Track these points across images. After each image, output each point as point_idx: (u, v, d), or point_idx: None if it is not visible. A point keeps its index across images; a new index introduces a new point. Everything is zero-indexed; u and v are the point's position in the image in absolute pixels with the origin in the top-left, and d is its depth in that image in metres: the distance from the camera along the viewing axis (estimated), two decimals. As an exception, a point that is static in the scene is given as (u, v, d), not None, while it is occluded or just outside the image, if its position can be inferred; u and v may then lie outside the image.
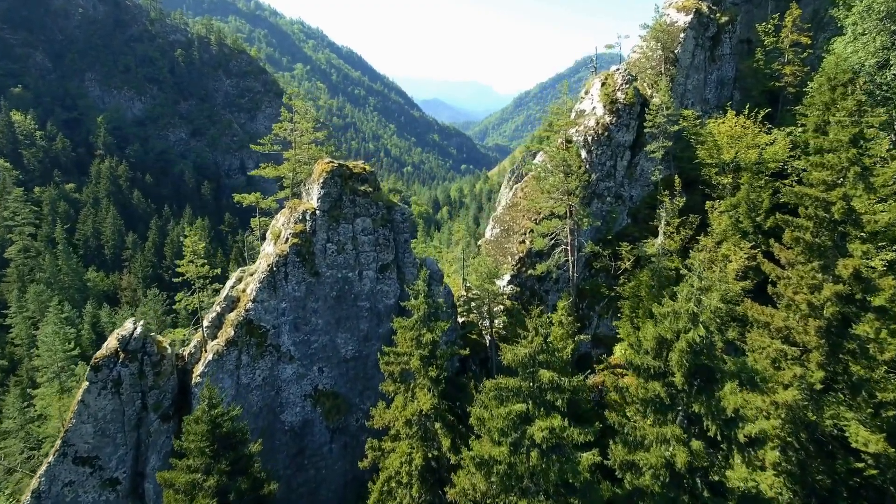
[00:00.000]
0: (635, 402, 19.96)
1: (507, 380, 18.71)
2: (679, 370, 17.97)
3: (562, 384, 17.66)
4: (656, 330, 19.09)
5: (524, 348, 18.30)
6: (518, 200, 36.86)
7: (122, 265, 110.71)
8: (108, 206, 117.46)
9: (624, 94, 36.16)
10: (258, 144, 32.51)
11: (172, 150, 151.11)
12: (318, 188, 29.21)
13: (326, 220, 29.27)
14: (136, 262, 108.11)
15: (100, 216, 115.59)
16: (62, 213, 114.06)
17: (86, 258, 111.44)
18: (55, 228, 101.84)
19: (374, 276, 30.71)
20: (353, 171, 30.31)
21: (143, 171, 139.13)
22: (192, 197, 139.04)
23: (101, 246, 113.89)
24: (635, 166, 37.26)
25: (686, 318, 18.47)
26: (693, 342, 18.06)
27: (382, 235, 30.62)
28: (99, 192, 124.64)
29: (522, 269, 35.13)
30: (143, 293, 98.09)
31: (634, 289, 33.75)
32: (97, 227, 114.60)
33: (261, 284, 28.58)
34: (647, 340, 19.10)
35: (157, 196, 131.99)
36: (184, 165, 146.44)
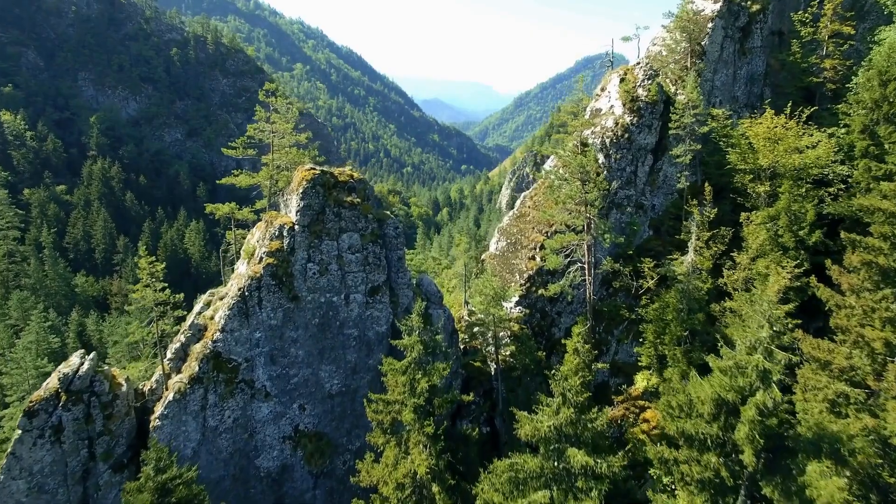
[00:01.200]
0: (684, 480, 15.59)
1: (525, 459, 14.40)
2: (749, 445, 13.66)
3: (598, 468, 13.34)
4: (713, 389, 14.78)
5: (548, 419, 14.05)
6: (527, 210, 32.54)
7: (113, 270, 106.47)
8: (99, 209, 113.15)
9: (646, 90, 31.82)
10: (230, 148, 28.19)
11: (168, 150, 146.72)
12: (297, 199, 24.93)
13: (307, 236, 24.98)
14: (127, 266, 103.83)
15: (90, 219, 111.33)
16: (52, 215, 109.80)
17: (76, 262, 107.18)
18: (47, 230, 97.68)
19: (363, 299, 26.42)
20: (339, 180, 26.01)
21: (137, 172, 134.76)
22: (187, 199, 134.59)
23: (91, 250, 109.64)
24: (658, 172, 32.94)
25: (754, 374, 14.16)
26: (764, 407, 13.78)
27: (372, 253, 26.32)
28: (91, 193, 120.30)
29: (532, 289, 30.82)
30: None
31: (659, 312, 29.47)
32: (87, 230, 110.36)
33: (230, 311, 24.29)
34: (702, 403, 14.77)
35: (150, 198, 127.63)
36: (179, 166, 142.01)
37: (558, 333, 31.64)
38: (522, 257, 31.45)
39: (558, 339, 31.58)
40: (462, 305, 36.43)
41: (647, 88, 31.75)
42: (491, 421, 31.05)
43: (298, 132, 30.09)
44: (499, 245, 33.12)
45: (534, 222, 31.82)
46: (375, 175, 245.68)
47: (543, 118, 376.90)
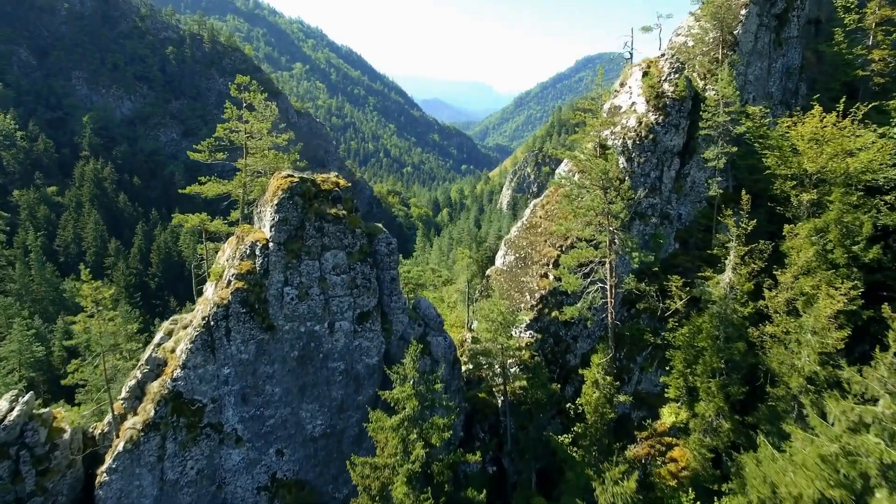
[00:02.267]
0: None
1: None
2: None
3: None
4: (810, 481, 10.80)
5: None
6: (537, 221, 28.56)
7: (104, 273, 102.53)
8: (90, 211, 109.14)
9: (672, 85, 27.82)
10: (196, 152, 24.19)
11: (163, 150, 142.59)
12: (271, 212, 20.97)
13: (283, 255, 21.02)
14: (118, 269, 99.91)
15: (81, 221, 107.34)
16: (42, 217, 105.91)
17: (66, 266, 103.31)
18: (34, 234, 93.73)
19: (351, 328, 22.48)
20: (321, 188, 22.05)
21: (131, 173, 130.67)
22: (183, 200, 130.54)
23: (82, 252, 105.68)
24: (685, 177, 28.97)
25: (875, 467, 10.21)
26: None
27: (361, 274, 22.37)
28: (82, 195, 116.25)
29: (544, 311, 26.87)
30: (126, 302, 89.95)
31: (689, 337, 25.53)
32: (78, 232, 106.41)
33: (193, 345, 20.35)
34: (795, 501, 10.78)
35: (145, 199, 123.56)
36: (174, 167, 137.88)
37: (574, 360, 27.71)
38: (533, 274, 27.48)
39: (574, 367, 27.65)
40: (464, 325, 32.50)
41: (673, 83, 27.76)
42: (498, 460, 27.17)
43: (279, 132, 26.12)
44: (506, 259, 29.16)
45: (546, 234, 27.85)
46: (375, 175, 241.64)
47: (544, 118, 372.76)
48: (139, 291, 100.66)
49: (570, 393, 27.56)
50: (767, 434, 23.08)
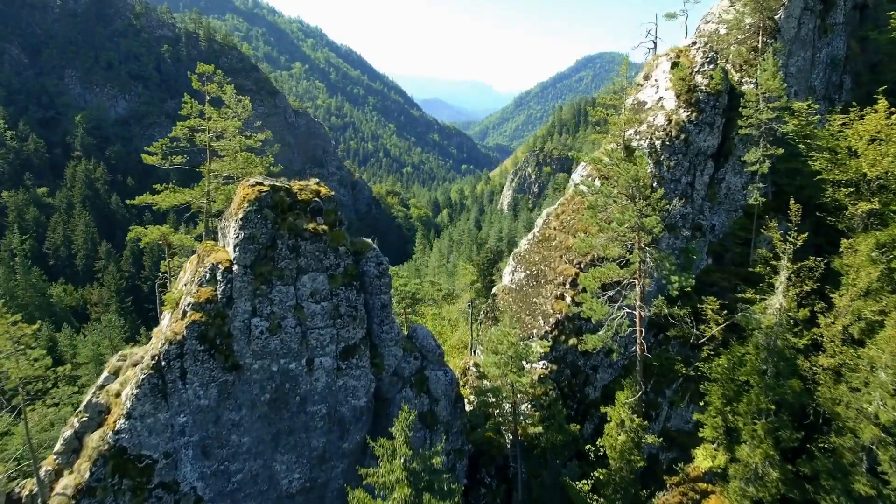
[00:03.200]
0: None
1: None
2: None
3: None
4: None
5: None
6: (551, 233, 24.75)
7: (94, 277, 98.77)
8: (81, 212, 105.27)
9: (706, 77, 24.01)
10: (148, 154, 20.37)
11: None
12: (235, 228, 17.17)
13: (250, 280, 17.22)
14: (109, 273, 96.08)
15: (72, 223, 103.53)
16: (31, 219, 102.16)
17: (55, 270, 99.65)
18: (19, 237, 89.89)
19: (334, 364, 18.69)
20: (298, 199, 18.24)
21: (125, 173, 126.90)
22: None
23: (72, 256, 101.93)
24: (719, 183, 25.19)
25: None
26: None
27: (346, 301, 18.57)
28: (73, 196, 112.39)
29: (560, 338, 23.09)
30: (117, 308, 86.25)
31: (728, 369, 21.80)
32: (68, 235, 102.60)
33: (140, 390, 16.55)
34: None
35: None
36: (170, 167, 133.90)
37: (593, 394, 23.94)
38: (547, 295, 23.69)
39: (593, 402, 23.90)
40: (468, 349, 28.75)
41: (707, 74, 23.96)
42: (506, 509, 23.44)
43: (254, 131, 22.32)
44: (515, 276, 25.37)
45: (561, 249, 24.04)
46: (375, 175, 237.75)
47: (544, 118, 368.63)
48: (130, 296, 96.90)
49: (590, 431, 23.80)
50: (829, 492, 19.38)
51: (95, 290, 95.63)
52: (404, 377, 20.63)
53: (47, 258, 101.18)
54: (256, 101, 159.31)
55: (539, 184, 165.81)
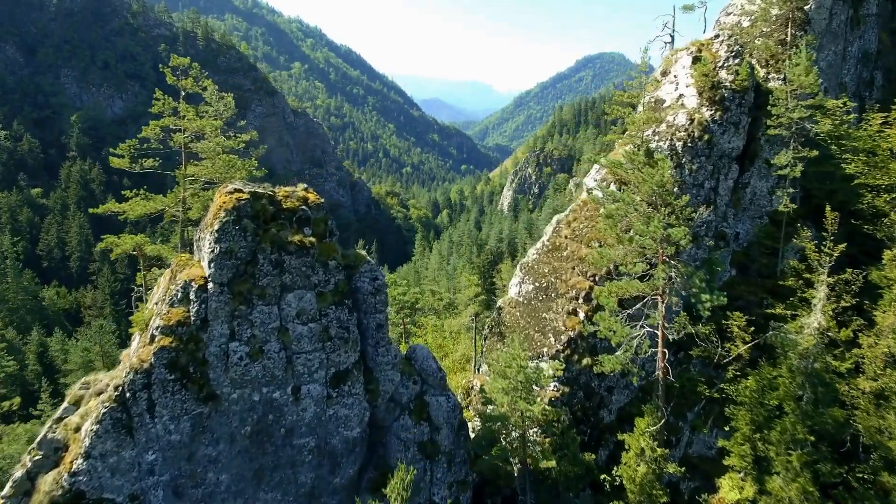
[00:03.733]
0: None
1: None
2: None
3: None
4: None
5: None
6: (562, 242, 22.66)
7: (88, 280, 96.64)
8: (75, 213, 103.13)
9: (732, 73, 21.93)
10: (115, 156, 18.28)
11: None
12: (210, 241, 15.08)
13: (227, 300, 15.14)
14: (104, 275, 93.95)
15: (66, 225, 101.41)
16: (24, 221, 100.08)
17: (49, 272, 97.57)
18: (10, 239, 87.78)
19: (323, 392, 16.63)
20: (282, 207, 16.16)
21: (121, 174, 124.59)
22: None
23: (66, 258, 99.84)
24: (743, 188, 23.14)
25: None
26: None
27: (336, 322, 16.50)
28: (68, 197, 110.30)
29: (573, 357, 21.03)
30: (111, 311, 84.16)
31: (758, 393, 19.79)
32: (62, 236, 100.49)
33: (100, 426, 14.47)
34: None
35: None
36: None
37: (608, 417, 21.89)
38: (558, 310, 21.61)
39: (608, 426, 21.86)
40: (471, 366, 26.70)
41: (732, 70, 21.88)
42: (514, 543, 21.39)
43: (238, 131, 20.26)
44: (522, 289, 23.29)
45: (573, 260, 21.96)
46: (374, 175, 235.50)
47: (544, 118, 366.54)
48: (125, 299, 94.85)
49: (604, 458, 21.77)
50: (877, 534, 17.34)
51: (89, 293, 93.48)
52: (402, 403, 18.58)
53: (41, 260, 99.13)
54: (255, 101, 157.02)
55: (539, 184, 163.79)
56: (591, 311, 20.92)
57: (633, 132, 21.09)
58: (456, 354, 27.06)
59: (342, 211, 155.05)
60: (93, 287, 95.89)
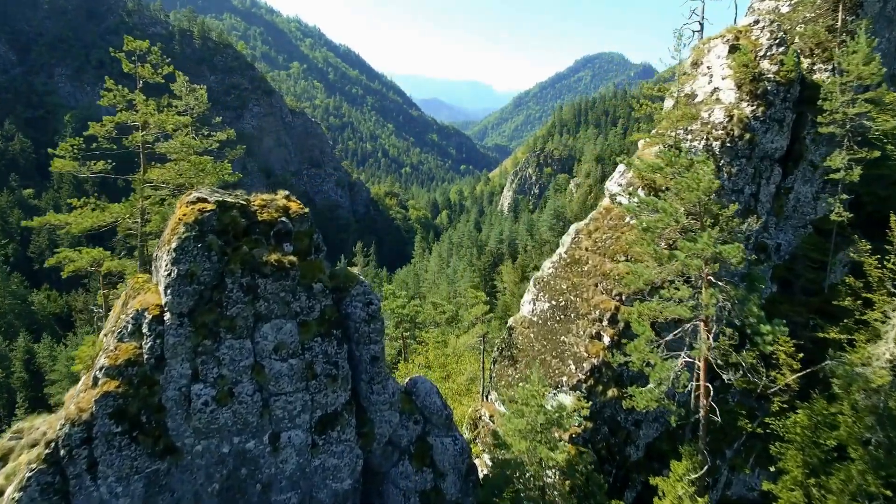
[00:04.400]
0: None
1: None
2: None
3: None
4: None
5: None
6: (583, 255, 19.86)
7: (80, 283, 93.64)
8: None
9: (776, 63, 19.16)
10: (58, 158, 15.48)
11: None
12: (167, 262, 12.27)
13: (189, 332, 12.33)
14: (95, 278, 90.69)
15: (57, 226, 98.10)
16: (15, 222, 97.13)
17: (40, 275, 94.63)
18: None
19: (307, 439, 13.82)
20: (258, 219, 13.35)
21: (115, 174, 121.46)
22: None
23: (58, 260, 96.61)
24: (786, 193, 20.36)
25: None
26: None
27: (322, 356, 13.70)
28: (60, 198, 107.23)
29: (597, 389, 18.25)
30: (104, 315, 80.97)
31: (812, 431, 17.05)
32: (54, 239, 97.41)
33: (25, 493, 11.65)
34: None
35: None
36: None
37: (635, 454, 19.11)
38: (579, 332, 18.83)
39: (636, 464, 19.09)
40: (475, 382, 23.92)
41: (777, 60, 19.11)
42: None
43: (214, 129, 17.44)
44: (537, 307, 20.50)
45: (596, 275, 19.16)
46: (373, 175, 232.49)
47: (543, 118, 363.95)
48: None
49: (630, 500, 19.00)
50: None
51: (80, 297, 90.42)
52: (401, 446, 15.79)
53: (32, 262, 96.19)
54: (252, 101, 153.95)
55: (540, 185, 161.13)
56: (617, 335, 18.15)
57: (665, 130, 18.34)
58: (461, 378, 24.36)
59: (341, 211, 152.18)
60: (84, 290, 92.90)
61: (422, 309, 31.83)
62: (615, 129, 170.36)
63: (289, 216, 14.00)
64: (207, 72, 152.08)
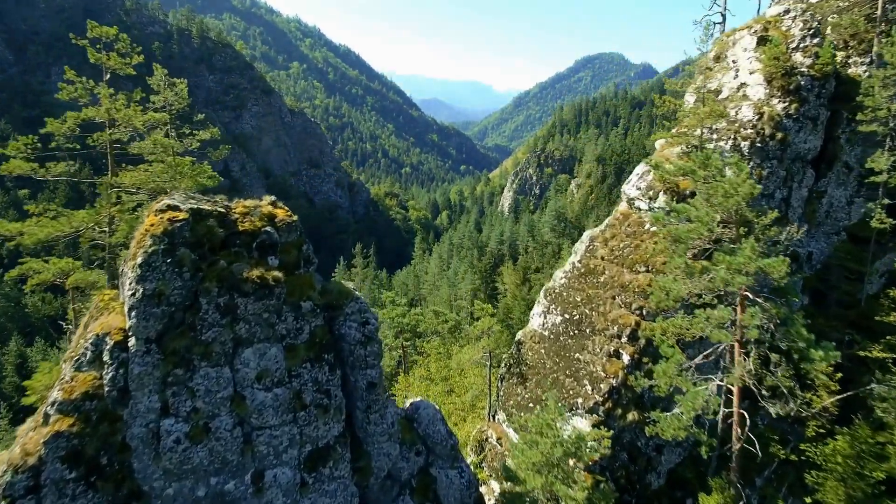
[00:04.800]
0: None
1: None
2: None
3: None
4: None
5: None
6: (598, 265, 18.20)
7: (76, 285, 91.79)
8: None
9: (810, 56, 17.51)
10: (13, 159, 13.80)
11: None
12: (132, 279, 10.60)
13: (157, 361, 10.65)
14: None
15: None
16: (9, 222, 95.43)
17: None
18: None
19: (295, 477, 12.14)
20: (238, 229, 11.68)
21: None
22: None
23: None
24: (818, 198, 18.72)
25: None
26: None
27: (312, 383, 12.03)
28: (56, 199, 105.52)
29: (616, 412, 16.60)
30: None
31: (855, 461, 15.45)
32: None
33: (-30, 545, 10.00)
34: None
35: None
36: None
37: (657, 482, 17.46)
38: (595, 350, 17.16)
39: (657, 492, 17.44)
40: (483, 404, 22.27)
41: (811, 52, 17.47)
42: None
43: (196, 128, 15.78)
44: (548, 320, 18.83)
45: (613, 287, 17.50)
46: (373, 176, 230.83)
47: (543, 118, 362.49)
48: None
49: (651, 533, 17.35)
50: None
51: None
52: (402, 480, 14.13)
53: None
54: (251, 100, 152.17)
55: (541, 185, 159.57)
56: (637, 354, 16.51)
57: (690, 128, 16.71)
58: (466, 395, 22.67)
59: (340, 212, 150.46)
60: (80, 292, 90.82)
61: (423, 318, 30.16)
62: (616, 129, 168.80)
63: (274, 225, 12.32)
64: (206, 71, 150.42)
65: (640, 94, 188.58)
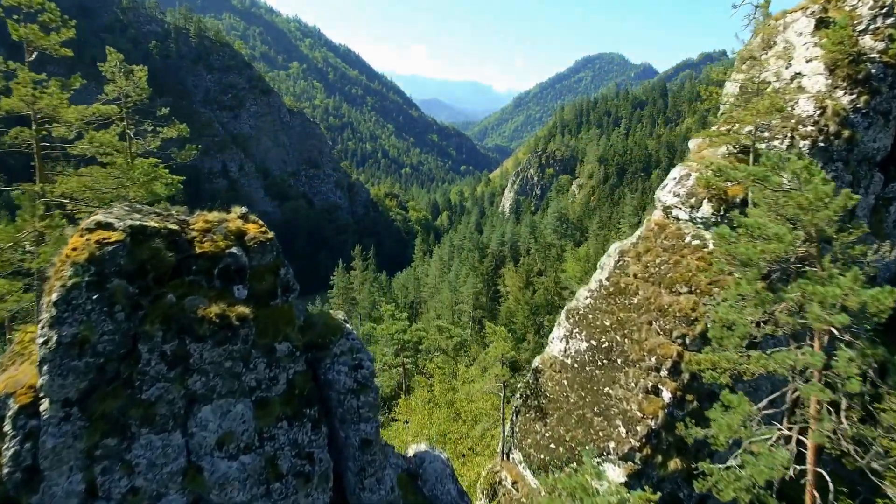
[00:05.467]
0: None
1: None
2: None
3: None
4: None
5: None
6: (631, 284, 15.53)
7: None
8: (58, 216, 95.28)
9: (881, 39, 14.87)
10: None
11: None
12: (45, 321, 7.95)
13: (79, 430, 7.98)
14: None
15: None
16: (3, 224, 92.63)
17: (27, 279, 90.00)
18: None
19: (268, 566, 9.50)
20: (194, 251, 8.99)
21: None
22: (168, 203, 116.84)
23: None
24: (885, 206, 16.08)
25: None
26: None
27: (290, 446, 9.37)
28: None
29: (654, 458, 13.96)
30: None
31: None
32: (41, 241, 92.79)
33: None
34: None
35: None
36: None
37: (701, 538, 14.83)
38: (629, 384, 14.51)
39: (701, 551, 14.81)
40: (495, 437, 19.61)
41: (882, 35, 14.81)
42: None
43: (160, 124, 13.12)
44: (571, 347, 16.17)
45: (649, 310, 14.84)
46: (373, 176, 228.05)
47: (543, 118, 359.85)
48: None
49: None
50: None
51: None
52: (403, 553, 11.48)
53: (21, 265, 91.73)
54: (249, 100, 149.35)
55: (542, 185, 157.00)
56: (680, 391, 13.87)
57: (740, 125, 14.09)
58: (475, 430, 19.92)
59: (340, 213, 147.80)
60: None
61: (425, 334, 27.45)
62: (618, 129, 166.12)
63: (244, 245, 9.66)
64: (204, 71, 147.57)
65: (642, 94, 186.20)
